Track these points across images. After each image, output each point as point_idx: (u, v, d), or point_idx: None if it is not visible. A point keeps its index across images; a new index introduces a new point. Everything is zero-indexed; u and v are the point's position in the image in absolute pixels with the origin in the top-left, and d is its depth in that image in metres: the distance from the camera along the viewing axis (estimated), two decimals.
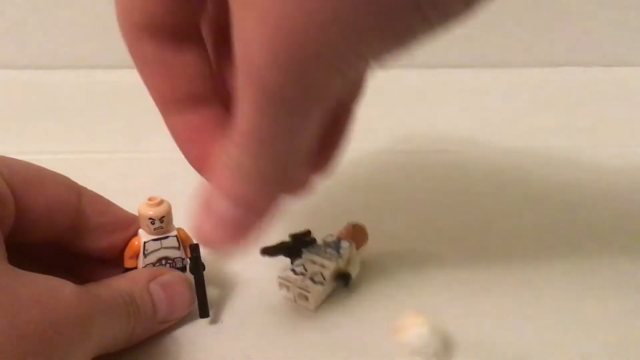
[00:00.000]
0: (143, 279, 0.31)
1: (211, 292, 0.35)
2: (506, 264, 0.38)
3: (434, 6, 0.18)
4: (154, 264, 0.33)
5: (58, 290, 0.25)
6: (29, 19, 0.62)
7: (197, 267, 0.33)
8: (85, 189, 0.32)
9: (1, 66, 0.63)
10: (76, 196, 0.31)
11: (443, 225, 0.42)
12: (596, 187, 0.47)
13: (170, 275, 0.33)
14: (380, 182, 0.47)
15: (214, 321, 0.34)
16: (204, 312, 0.33)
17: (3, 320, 0.22)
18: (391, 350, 0.32)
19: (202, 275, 0.33)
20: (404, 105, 0.60)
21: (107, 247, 0.33)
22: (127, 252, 0.33)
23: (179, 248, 0.33)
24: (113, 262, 0.34)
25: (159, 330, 0.32)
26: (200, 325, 0.34)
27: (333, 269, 0.35)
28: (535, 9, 0.64)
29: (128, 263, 0.33)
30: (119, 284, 0.30)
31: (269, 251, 0.36)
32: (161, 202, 0.33)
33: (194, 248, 0.33)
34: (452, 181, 0.47)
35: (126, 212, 0.34)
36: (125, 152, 0.51)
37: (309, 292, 0.34)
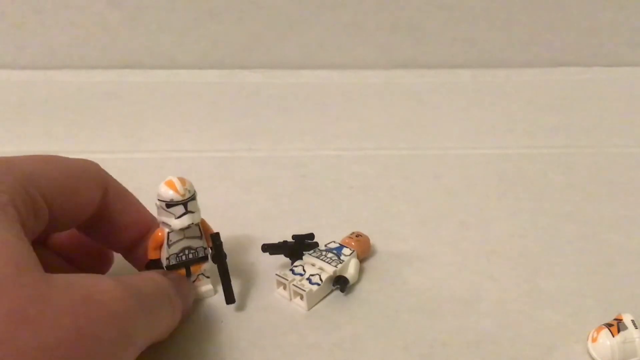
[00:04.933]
0: (163, 273, 0.32)
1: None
2: (506, 264, 0.39)
3: None
4: (177, 254, 0.33)
5: (95, 291, 0.24)
6: (29, 19, 0.62)
7: (220, 255, 0.34)
8: (113, 180, 0.33)
9: (1, 66, 0.63)
10: (102, 193, 0.31)
11: (443, 225, 0.42)
12: (596, 187, 0.47)
13: (176, 275, 0.33)
14: (381, 182, 0.47)
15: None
16: (230, 299, 0.34)
17: (28, 334, 0.21)
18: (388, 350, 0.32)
19: (226, 263, 0.34)
20: (404, 105, 0.60)
21: (122, 241, 0.34)
22: (151, 244, 0.33)
23: (201, 237, 0.33)
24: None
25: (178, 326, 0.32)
26: (200, 325, 0.34)
27: (331, 273, 0.35)
28: (535, 9, 0.64)
29: (152, 254, 0.33)
30: (152, 275, 0.30)
31: (270, 248, 0.36)
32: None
33: (216, 237, 0.34)
34: (452, 181, 0.47)
35: (144, 212, 0.34)
36: (125, 152, 0.51)
37: (304, 290, 0.34)
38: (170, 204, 0.31)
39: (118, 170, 0.47)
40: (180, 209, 0.32)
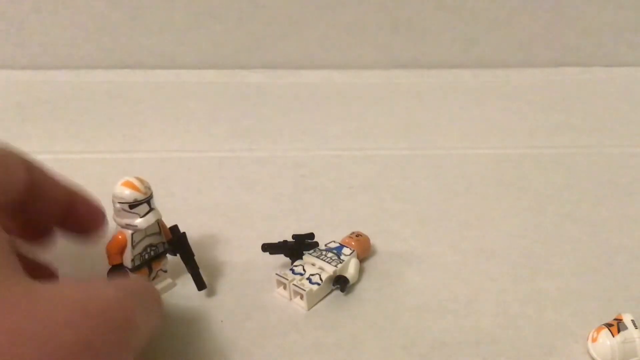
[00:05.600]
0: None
1: (208, 290, 0.35)
2: (507, 264, 0.39)
3: None
4: (140, 254, 0.33)
5: (92, 300, 0.24)
6: (29, 19, 0.62)
7: (185, 245, 0.34)
8: (30, 157, 0.31)
9: (1, 66, 0.63)
10: (26, 168, 0.30)
11: (443, 225, 0.42)
12: (596, 187, 0.47)
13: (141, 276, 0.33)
14: (381, 182, 0.47)
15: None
16: (200, 285, 0.35)
17: (30, 350, 0.21)
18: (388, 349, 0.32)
19: (191, 251, 0.35)
20: (404, 105, 0.60)
21: (54, 213, 0.32)
22: (113, 249, 0.32)
23: (160, 233, 0.34)
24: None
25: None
26: (200, 325, 0.34)
27: (331, 273, 0.35)
28: (535, 9, 0.64)
29: (115, 259, 0.32)
30: (136, 278, 0.30)
31: (270, 248, 0.36)
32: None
33: (176, 228, 0.34)
34: (452, 181, 0.47)
35: (64, 181, 0.32)
36: (125, 152, 0.51)
37: (304, 290, 0.34)
38: (134, 204, 0.32)
39: (118, 170, 0.48)
40: (144, 208, 0.32)
